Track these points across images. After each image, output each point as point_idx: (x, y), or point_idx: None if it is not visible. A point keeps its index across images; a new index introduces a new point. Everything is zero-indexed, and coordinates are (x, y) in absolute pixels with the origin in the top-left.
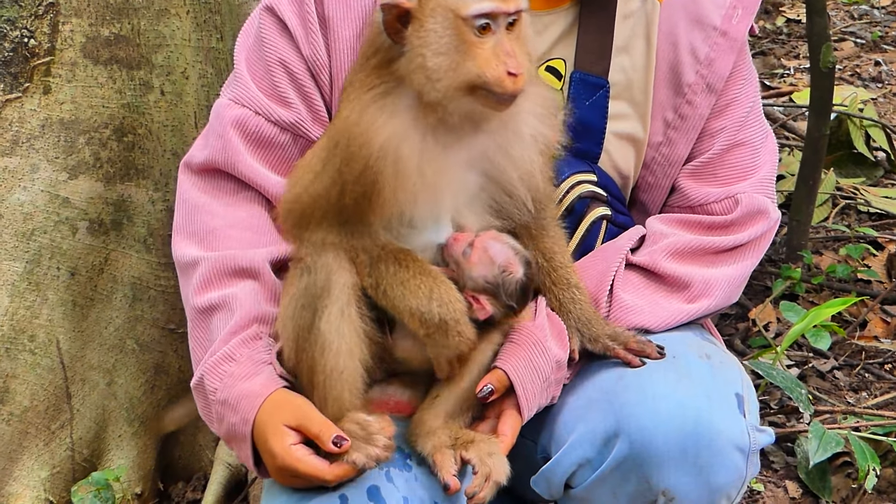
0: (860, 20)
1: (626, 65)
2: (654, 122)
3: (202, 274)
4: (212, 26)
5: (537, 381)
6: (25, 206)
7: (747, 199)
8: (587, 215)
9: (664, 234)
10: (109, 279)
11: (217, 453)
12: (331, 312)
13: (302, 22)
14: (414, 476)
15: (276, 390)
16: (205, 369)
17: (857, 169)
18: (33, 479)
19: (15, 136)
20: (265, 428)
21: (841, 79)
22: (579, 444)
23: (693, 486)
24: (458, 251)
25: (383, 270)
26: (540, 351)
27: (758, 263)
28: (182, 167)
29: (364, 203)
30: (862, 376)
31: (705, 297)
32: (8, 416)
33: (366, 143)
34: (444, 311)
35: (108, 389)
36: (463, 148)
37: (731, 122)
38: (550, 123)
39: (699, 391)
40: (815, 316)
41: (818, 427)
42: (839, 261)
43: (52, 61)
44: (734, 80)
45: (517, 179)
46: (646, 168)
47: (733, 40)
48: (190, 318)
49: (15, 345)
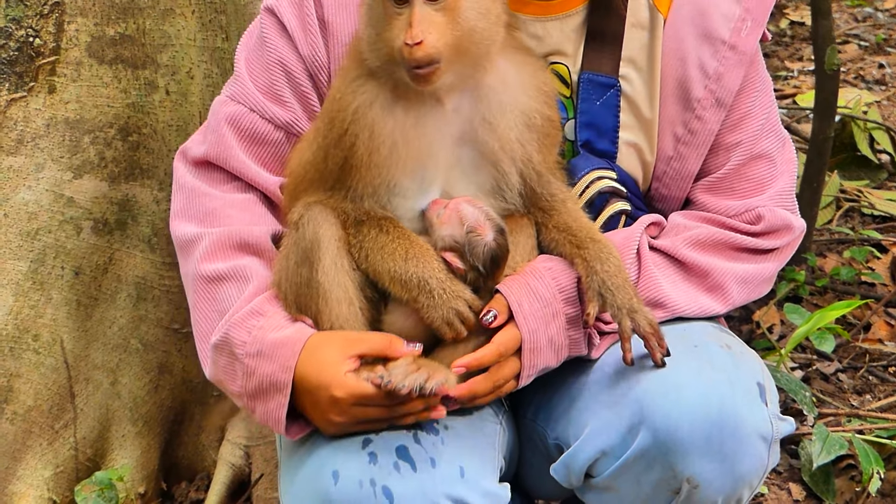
0: (864, 23)
1: (632, 76)
2: (663, 136)
3: (207, 246)
4: (217, 26)
5: (535, 302)
6: (30, 206)
7: (769, 214)
8: (605, 209)
9: (687, 227)
10: (114, 279)
11: (220, 453)
12: (324, 264)
13: (301, 24)
14: (441, 439)
15: (313, 334)
16: (230, 325)
17: (861, 171)
18: (37, 479)
19: (20, 135)
20: (312, 364)
21: (845, 81)
22: (601, 431)
23: (718, 473)
24: (433, 213)
25: (365, 234)
26: (538, 275)
27: (779, 269)
28: (178, 155)
29: (346, 167)
30: (866, 379)
31: (720, 289)
32: (12, 415)
33: (342, 108)
34: (419, 270)
35: (112, 389)
36: (444, 120)
37: (746, 136)
38: (536, 96)
39: (722, 379)
40: (820, 318)
41: (822, 430)
42: (843, 263)
43: (57, 61)
44: (746, 93)
45: (500, 150)
46: (658, 180)
47: (742, 54)
48: (193, 290)
49: (19, 344)
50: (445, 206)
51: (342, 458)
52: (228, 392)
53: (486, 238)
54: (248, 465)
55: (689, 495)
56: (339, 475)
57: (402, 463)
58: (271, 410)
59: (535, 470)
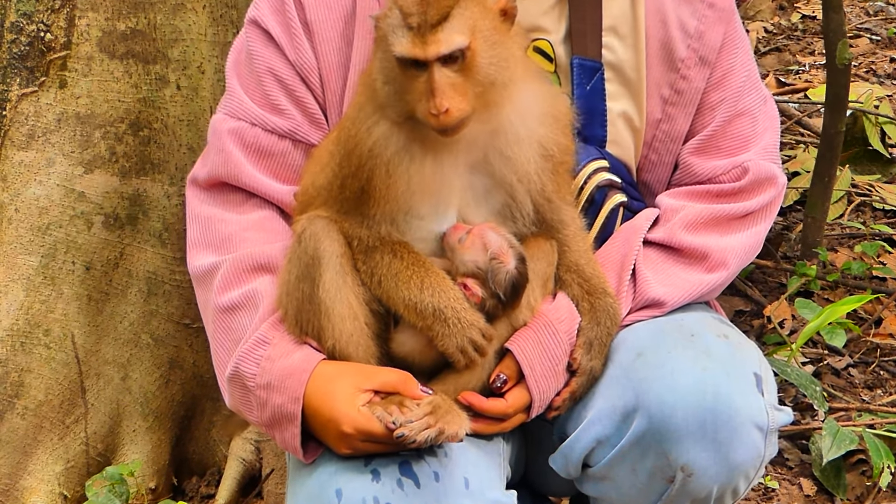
0: (875, 17)
1: (615, 45)
2: (651, 99)
3: (223, 275)
4: (228, 21)
5: (546, 363)
6: (41, 201)
7: (755, 166)
8: (605, 203)
9: (676, 209)
10: (124, 273)
11: (231, 448)
12: (325, 280)
13: (285, 29)
14: (444, 452)
15: (320, 362)
16: (239, 357)
17: (873, 166)
18: (48, 474)
19: (31, 130)
20: (323, 398)
21: (856, 75)
22: (598, 420)
23: (712, 461)
24: (454, 238)
25: (378, 260)
26: (551, 332)
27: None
28: (188, 184)
29: (363, 197)
30: (877, 374)
31: (723, 266)
32: (23, 410)
33: (358, 144)
34: (435, 300)
35: (123, 384)
36: (458, 151)
37: (729, 93)
38: (552, 125)
39: (718, 368)
40: (831, 313)
41: (833, 424)
42: (854, 258)
43: (68, 55)
44: (727, 50)
45: (517, 182)
46: (647, 146)
47: (721, 10)
48: (212, 321)
49: (30, 339)
50: (468, 231)
51: (346, 477)
52: (249, 420)
53: (509, 266)
54: (258, 461)
55: (684, 483)
56: (343, 494)
57: (405, 480)
58: (287, 439)
59: (542, 468)
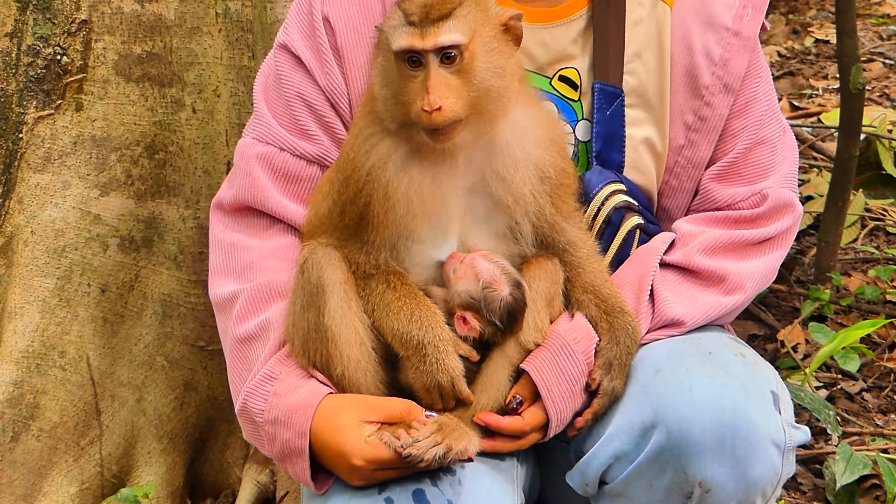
0: (889, 41)
1: (640, 70)
2: (674, 125)
3: (241, 304)
4: (244, 44)
5: (564, 383)
6: (57, 223)
7: (774, 193)
8: (622, 225)
9: (694, 234)
10: (140, 296)
11: (245, 470)
12: (330, 307)
13: (316, 55)
14: (458, 480)
15: (325, 397)
16: (247, 393)
17: (886, 190)
18: (62, 495)
19: (47, 152)
20: (331, 432)
21: (869, 99)
22: (616, 436)
23: (729, 477)
24: (450, 269)
25: (373, 289)
26: (568, 353)
27: (784, 256)
28: (213, 209)
29: (362, 224)
30: (890, 398)
31: (740, 290)
32: (38, 431)
33: (357, 167)
34: (422, 334)
35: (138, 406)
36: (456, 173)
37: (751, 121)
38: (549, 148)
39: (736, 384)
40: (844, 338)
41: (846, 449)
42: (868, 282)
43: (84, 78)
44: (750, 79)
45: (514, 204)
46: (669, 172)
47: (746, 39)
48: (230, 352)
49: (45, 361)
50: (461, 260)
51: None
52: (264, 453)
53: (503, 293)
54: (272, 483)
55: (701, 499)
56: None
57: None
58: (299, 473)
59: (556, 486)
